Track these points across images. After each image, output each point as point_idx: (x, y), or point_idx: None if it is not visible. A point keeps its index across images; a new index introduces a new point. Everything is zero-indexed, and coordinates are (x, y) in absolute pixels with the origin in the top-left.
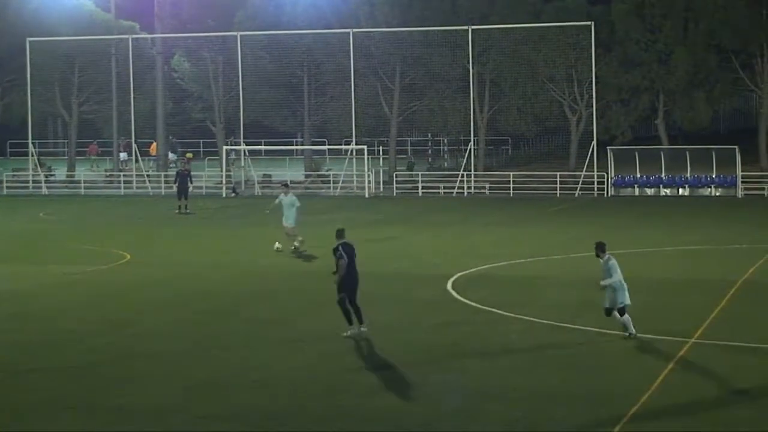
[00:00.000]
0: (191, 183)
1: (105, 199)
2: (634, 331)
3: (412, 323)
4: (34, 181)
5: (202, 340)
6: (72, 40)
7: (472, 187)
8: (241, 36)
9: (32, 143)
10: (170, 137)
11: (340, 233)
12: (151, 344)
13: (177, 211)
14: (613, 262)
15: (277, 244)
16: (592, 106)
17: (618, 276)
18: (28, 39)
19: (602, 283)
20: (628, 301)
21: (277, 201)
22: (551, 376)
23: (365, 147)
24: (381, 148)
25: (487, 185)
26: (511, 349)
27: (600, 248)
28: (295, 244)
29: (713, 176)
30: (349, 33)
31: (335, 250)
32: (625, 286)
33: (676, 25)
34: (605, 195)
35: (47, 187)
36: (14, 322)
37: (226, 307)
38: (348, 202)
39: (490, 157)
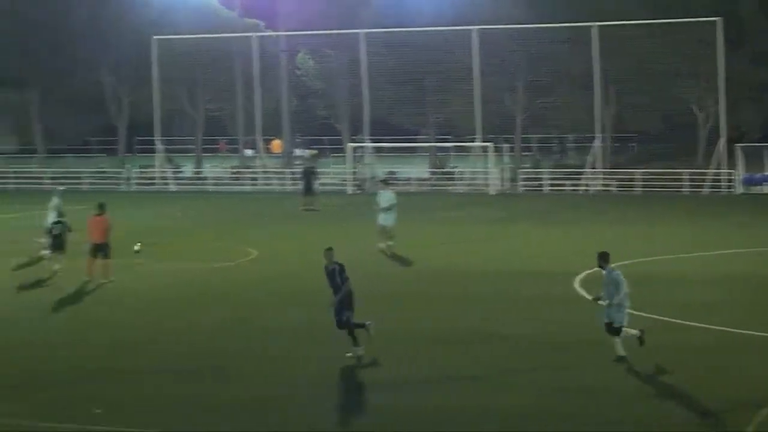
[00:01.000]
0: (317, 180)
1: (232, 195)
2: (624, 353)
3: (541, 320)
4: (161, 178)
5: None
6: (197, 38)
7: (599, 185)
8: (364, 34)
9: (159, 140)
10: (296, 135)
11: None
12: (274, 340)
13: (303, 208)
14: (617, 274)
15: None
16: (720, 103)
17: (624, 290)
18: (154, 37)
19: (602, 302)
20: (624, 322)
21: (378, 198)
22: (682, 376)
23: (490, 144)
24: (506, 145)
25: (614, 183)
26: (636, 349)
27: (603, 258)
28: (389, 243)
29: None
30: (471, 30)
31: (341, 271)
32: (627, 304)
33: None
34: (734, 192)
35: (175, 184)
36: (137, 317)
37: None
38: (473, 199)
39: (617, 155)
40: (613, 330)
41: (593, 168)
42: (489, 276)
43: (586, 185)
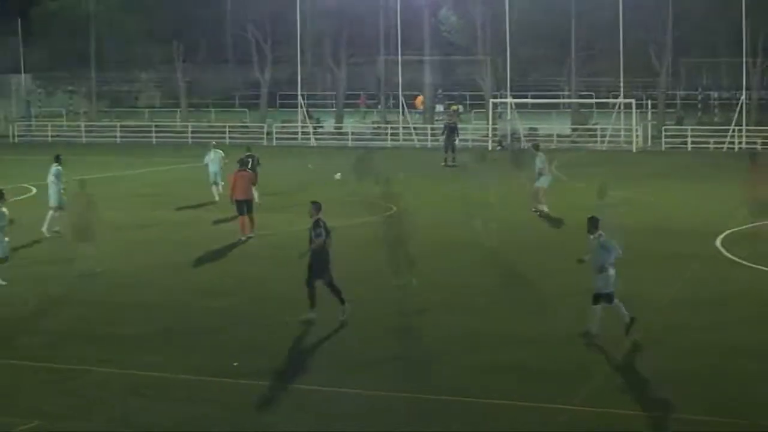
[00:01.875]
0: (458, 136)
1: (373, 150)
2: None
3: (682, 279)
4: (302, 133)
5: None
6: None
7: (743, 142)
8: None
9: (301, 95)
10: (438, 91)
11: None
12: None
13: (443, 163)
14: (606, 240)
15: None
16: None
17: (615, 253)
18: None
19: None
20: (611, 289)
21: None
22: None
23: (633, 101)
24: (649, 102)
25: (759, 140)
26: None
27: (592, 224)
28: (542, 208)
29: None
30: None
31: (317, 225)
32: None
33: None
34: None
35: (315, 139)
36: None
37: (481, 258)
38: (615, 156)
39: (764, 112)
40: (607, 298)
41: (738, 126)
42: (632, 233)
43: (731, 143)
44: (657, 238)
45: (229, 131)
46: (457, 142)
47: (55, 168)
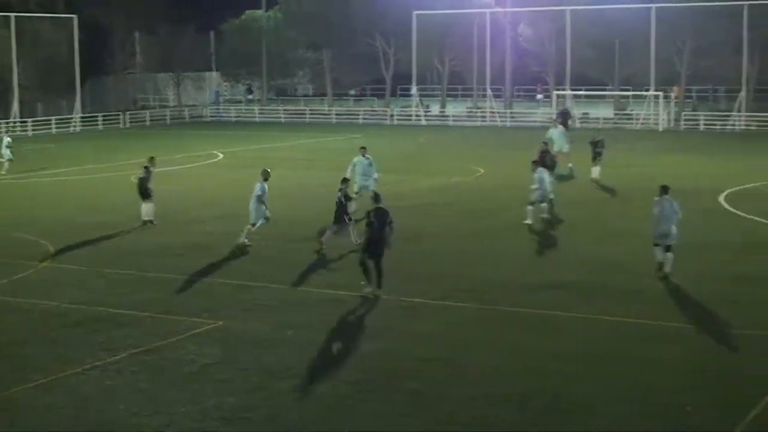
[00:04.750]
0: (571, 120)
1: (466, 129)
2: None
3: (692, 226)
4: (415, 116)
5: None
6: (445, 13)
7: (743, 124)
8: (570, 10)
9: (415, 87)
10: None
11: (376, 198)
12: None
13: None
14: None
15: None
16: None
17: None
18: (415, 12)
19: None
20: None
21: (548, 135)
22: None
23: (661, 93)
24: (672, 93)
25: (755, 123)
26: (765, 248)
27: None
28: (570, 165)
29: None
30: (650, 8)
31: (367, 215)
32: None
33: None
34: None
35: (425, 120)
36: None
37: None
38: (646, 134)
39: (759, 102)
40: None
41: (738, 112)
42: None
43: (733, 125)
44: (675, 196)
45: (363, 114)
46: (570, 123)
47: (260, 185)
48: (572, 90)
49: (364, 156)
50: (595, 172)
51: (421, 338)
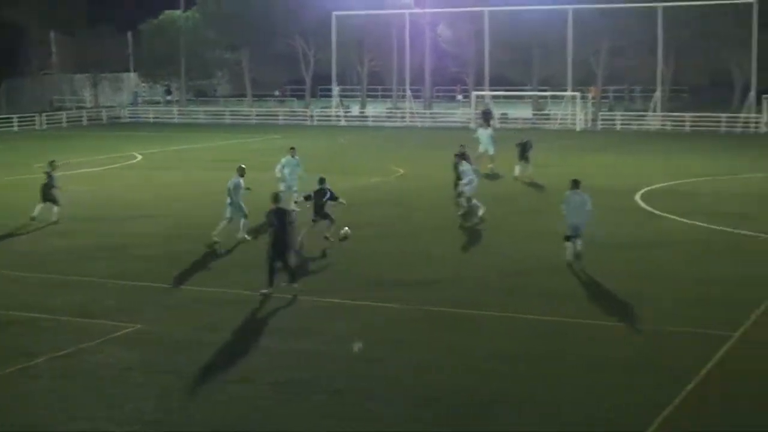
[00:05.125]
0: (492, 119)
1: (386, 129)
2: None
3: (608, 224)
4: (335, 116)
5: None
6: (365, 14)
7: (658, 124)
8: (488, 11)
9: (335, 88)
10: (434, 87)
11: (276, 198)
12: (420, 238)
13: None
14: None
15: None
16: (752, 64)
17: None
18: (334, 13)
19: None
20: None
21: (476, 135)
22: (713, 265)
23: (578, 93)
24: (589, 94)
25: (669, 123)
26: (679, 245)
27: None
28: (490, 166)
29: None
30: (567, 9)
31: (267, 215)
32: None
33: None
34: (760, 132)
35: (345, 120)
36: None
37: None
38: (563, 134)
39: (672, 102)
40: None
41: (654, 112)
42: (526, 195)
43: (648, 124)
44: (591, 194)
45: (282, 115)
46: (492, 123)
47: (235, 181)
48: (491, 90)
49: (293, 156)
50: (518, 170)
51: (345, 338)
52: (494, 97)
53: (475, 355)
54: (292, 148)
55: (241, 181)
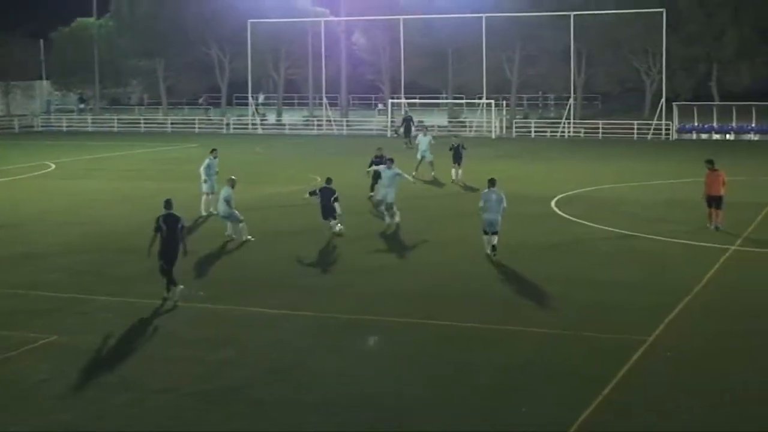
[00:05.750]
0: (413, 126)
1: (303, 137)
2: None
3: (524, 230)
4: (252, 124)
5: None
6: (280, 22)
7: (571, 131)
8: (403, 19)
9: (251, 96)
10: (350, 95)
11: (167, 204)
12: (333, 243)
13: (406, 146)
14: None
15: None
16: (662, 72)
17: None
18: (249, 20)
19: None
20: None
21: (417, 140)
22: (626, 271)
23: (493, 101)
24: (504, 102)
25: (582, 130)
26: (595, 250)
27: (492, 182)
28: (432, 173)
29: (753, 125)
30: (482, 17)
31: (156, 220)
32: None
33: (729, 10)
34: (670, 138)
35: (261, 128)
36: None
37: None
38: (479, 141)
39: (585, 109)
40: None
41: (567, 119)
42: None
43: (562, 132)
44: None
45: (198, 123)
46: (413, 130)
47: (226, 191)
48: (407, 98)
49: (214, 157)
50: (455, 173)
51: (264, 347)
52: (410, 104)
53: (387, 362)
54: (214, 150)
55: (231, 192)
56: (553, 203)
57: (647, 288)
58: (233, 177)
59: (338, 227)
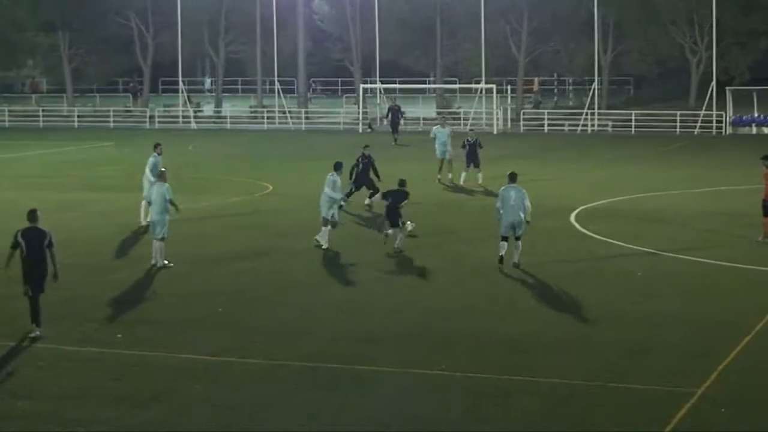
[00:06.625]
0: (402, 117)
1: (249, 133)
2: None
3: (537, 251)
4: (183, 117)
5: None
6: None
7: (596, 125)
8: None
9: (182, 81)
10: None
11: (31, 216)
12: (289, 268)
13: (394, 143)
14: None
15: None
16: (712, 48)
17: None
18: None
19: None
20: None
21: (432, 134)
22: (667, 303)
23: (494, 86)
24: (509, 87)
25: (610, 123)
26: (626, 276)
27: (512, 178)
28: (450, 175)
29: None
30: None
31: (14, 235)
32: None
33: None
34: (723, 133)
35: (196, 122)
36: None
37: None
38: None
39: (613, 97)
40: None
41: (591, 109)
42: (488, 210)
43: (584, 125)
44: None
45: (113, 116)
46: (401, 123)
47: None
48: (383, 83)
49: (159, 154)
50: (464, 176)
51: (197, 405)
52: (387, 90)
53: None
54: (158, 145)
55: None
56: (572, 217)
57: (693, 324)
58: (163, 169)
59: (409, 225)
